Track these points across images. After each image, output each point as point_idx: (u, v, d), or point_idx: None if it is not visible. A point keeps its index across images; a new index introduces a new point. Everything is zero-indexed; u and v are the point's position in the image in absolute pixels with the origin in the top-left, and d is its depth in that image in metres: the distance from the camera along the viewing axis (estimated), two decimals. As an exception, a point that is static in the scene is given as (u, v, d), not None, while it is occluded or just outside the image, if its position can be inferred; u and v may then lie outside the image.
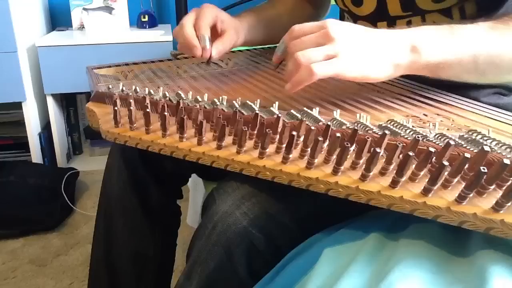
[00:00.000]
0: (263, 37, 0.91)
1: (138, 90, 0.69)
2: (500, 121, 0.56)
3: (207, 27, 0.75)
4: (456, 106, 0.61)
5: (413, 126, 0.53)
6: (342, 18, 0.89)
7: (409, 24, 0.72)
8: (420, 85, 0.68)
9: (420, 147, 0.46)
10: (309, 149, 0.48)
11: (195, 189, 1.29)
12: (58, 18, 2.06)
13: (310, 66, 0.52)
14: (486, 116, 0.58)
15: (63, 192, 1.59)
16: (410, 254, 0.45)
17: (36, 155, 1.79)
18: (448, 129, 0.54)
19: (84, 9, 1.91)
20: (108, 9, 1.91)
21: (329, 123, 0.50)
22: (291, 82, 0.55)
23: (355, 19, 0.80)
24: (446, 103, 0.62)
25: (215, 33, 0.79)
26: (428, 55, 0.55)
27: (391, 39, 0.56)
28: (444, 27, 0.57)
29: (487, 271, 0.40)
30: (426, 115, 0.59)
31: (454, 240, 0.48)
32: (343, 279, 0.43)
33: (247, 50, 0.98)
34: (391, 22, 0.74)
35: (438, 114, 0.59)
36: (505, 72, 0.58)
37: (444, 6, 0.67)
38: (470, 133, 0.51)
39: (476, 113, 0.59)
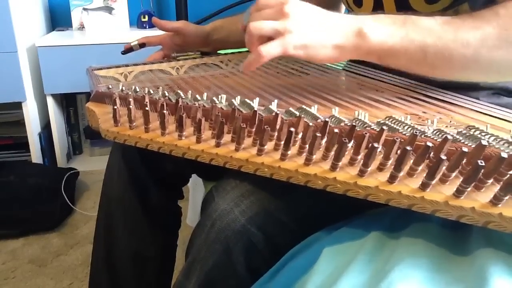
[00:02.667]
0: (239, 39, 0.94)
1: (138, 90, 0.70)
2: (499, 118, 0.57)
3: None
4: (455, 104, 0.61)
5: (411, 123, 0.53)
6: None
7: None
8: (420, 84, 0.68)
9: (418, 142, 0.46)
10: (307, 146, 0.48)
11: (195, 189, 1.29)
12: (58, 18, 2.07)
13: (258, 49, 0.55)
14: (484, 114, 0.58)
15: (63, 192, 1.59)
16: (410, 254, 0.45)
17: (36, 155, 1.79)
18: (446, 126, 0.54)
19: (84, 9, 1.91)
20: (108, 9, 1.91)
21: (327, 119, 0.50)
22: (244, 64, 0.58)
23: None
24: (445, 101, 0.62)
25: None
26: (373, 40, 0.55)
27: (340, 23, 0.57)
28: (398, 17, 0.57)
29: (487, 270, 0.40)
30: (425, 113, 0.59)
31: (454, 239, 0.48)
32: (343, 279, 0.43)
33: (247, 51, 0.99)
34: None
35: (437, 112, 0.59)
36: (457, 68, 0.57)
37: (437, 8, 0.67)
38: (468, 128, 0.51)
39: (475, 111, 0.59)
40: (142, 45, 0.99)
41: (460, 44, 0.54)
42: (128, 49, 0.99)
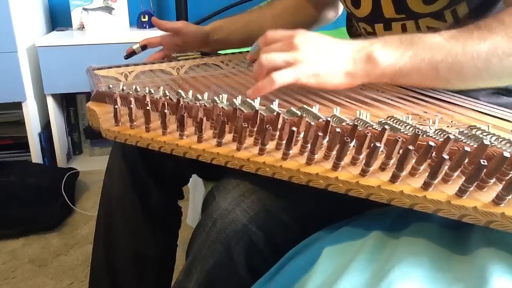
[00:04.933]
0: (239, 38, 0.97)
1: (139, 90, 0.70)
2: (500, 118, 0.57)
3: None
4: (456, 104, 0.61)
5: (413, 123, 0.53)
6: (348, 19, 0.90)
7: (403, 28, 0.73)
8: None
9: (420, 142, 0.46)
10: (309, 145, 0.48)
11: (195, 189, 1.29)
12: (58, 18, 2.07)
13: (271, 75, 0.57)
14: (485, 114, 0.58)
15: (63, 192, 1.59)
16: (410, 253, 0.45)
17: (36, 155, 1.79)
18: (448, 126, 0.54)
19: (84, 9, 1.91)
20: (108, 9, 1.91)
21: (329, 118, 0.50)
22: (253, 88, 0.60)
23: (356, 20, 0.81)
24: (446, 101, 0.62)
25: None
26: (384, 65, 0.57)
27: (349, 51, 0.58)
28: (406, 37, 0.58)
29: (488, 270, 0.40)
30: (426, 113, 0.59)
31: (454, 239, 0.48)
32: (343, 278, 0.43)
33: (247, 51, 0.99)
34: (387, 24, 0.75)
35: (438, 112, 0.59)
36: (471, 80, 0.58)
37: (435, 8, 0.67)
38: (470, 128, 0.51)
39: (476, 111, 0.59)
40: (144, 47, 0.99)
41: (470, 57, 0.55)
42: (131, 53, 0.99)
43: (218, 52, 1.00)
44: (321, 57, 0.58)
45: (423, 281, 0.41)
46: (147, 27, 1.97)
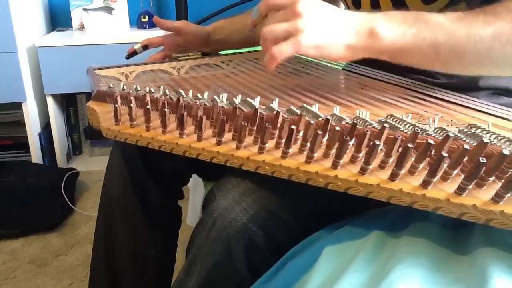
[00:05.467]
0: (240, 39, 0.96)
1: (139, 89, 0.70)
2: (499, 117, 0.57)
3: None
4: (456, 103, 0.61)
5: (412, 122, 0.53)
6: None
7: None
8: (421, 84, 0.68)
9: (419, 140, 0.46)
10: (308, 144, 0.48)
11: (195, 189, 1.29)
12: (58, 18, 2.07)
13: (271, 51, 0.55)
14: (485, 113, 0.58)
15: (63, 192, 1.59)
16: (410, 253, 0.45)
17: (36, 155, 1.79)
18: (448, 125, 0.54)
19: (84, 9, 1.91)
20: (108, 9, 1.91)
21: (328, 117, 0.50)
22: (264, 63, 0.58)
23: None
24: (446, 100, 0.62)
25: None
26: (386, 40, 0.55)
27: (352, 22, 0.57)
28: (410, 14, 0.57)
29: (488, 270, 0.40)
30: (426, 112, 0.59)
31: (454, 239, 0.48)
32: (344, 278, 0.43)
33: (248, 52, 0.99)
34: None
35: (438, 111, 0.59)
36: (470, 64, 0.57)
37: (434, 8, 0.67)
38: (470, 127, 0.51)
39: (476, 110, 0.59)
40: (145, 47, 0.99)
41: (473, 40, 0.54)
42: (132, 53, 0.99)
43: (219, 52, 1.00)
44: (322, 26, 0.56)
45: (423, 281, 0.41)
46: (147, 27, 1.97)
